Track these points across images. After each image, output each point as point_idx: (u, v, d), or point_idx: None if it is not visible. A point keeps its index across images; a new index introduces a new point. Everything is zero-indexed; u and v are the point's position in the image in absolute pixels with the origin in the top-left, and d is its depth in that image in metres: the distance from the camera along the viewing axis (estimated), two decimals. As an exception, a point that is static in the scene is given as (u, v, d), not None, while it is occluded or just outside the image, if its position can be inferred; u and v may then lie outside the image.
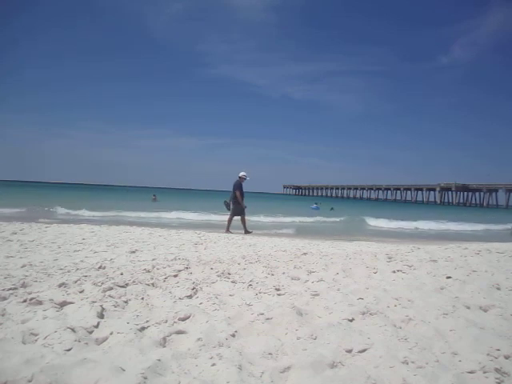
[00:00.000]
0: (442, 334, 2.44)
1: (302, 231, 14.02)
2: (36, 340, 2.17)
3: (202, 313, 2.70)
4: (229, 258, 5.41)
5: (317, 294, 3.27)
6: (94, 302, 2.82)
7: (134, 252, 6.19)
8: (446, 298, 3.24)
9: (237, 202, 10.68)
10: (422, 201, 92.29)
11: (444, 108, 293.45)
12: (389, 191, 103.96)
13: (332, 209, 39.17)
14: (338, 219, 21.35)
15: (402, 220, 20.70)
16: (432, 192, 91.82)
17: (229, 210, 10.96)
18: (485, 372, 1.95)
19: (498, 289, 3.60)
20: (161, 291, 3.31)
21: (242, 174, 11.02)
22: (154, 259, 5.44)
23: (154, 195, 41.58)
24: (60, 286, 3.28)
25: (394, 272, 4.39)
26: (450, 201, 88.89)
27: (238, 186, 10.84)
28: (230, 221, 10.88)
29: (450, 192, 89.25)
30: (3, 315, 2.51)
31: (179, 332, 2.39)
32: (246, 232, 10.54)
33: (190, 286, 3.43)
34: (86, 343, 2.15)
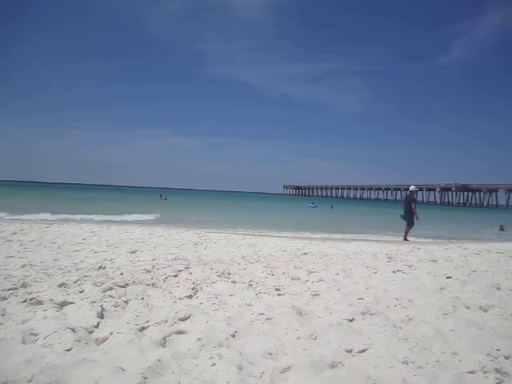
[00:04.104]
0: (441, 334, 2.44)
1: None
2: (36, 340, 2.16)
3: (201, 313, 2.70)
4: (229, 258, 5.41)
5: (317, 294, 3.27)
6: (94, 301, 2.82)
7: (134, 252, 6.19)
8: (446, 298, 3.24)
9: (411, 213, 11.25)
10: (422, 201, 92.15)
11: (444, 108, 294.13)
12: (389, 191, 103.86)
13: (332, 207, 39.71)
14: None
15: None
16: (432, 192, 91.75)
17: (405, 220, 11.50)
18: (485, 372, 1.95)
19: (498, 289, 3.60)
20: (161, 291, 3.30)
21: (412, 187, 11.90)
22: (154, 259, 5.44)
23: (161, 195, 41.84)
24: (60, 286, 3.28)
25: (394, 272, 4.39)
26: (450, 201, 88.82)
27: (412, 199, 11.62)
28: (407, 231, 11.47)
29: (449, 192, 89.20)
30: (3, 315, 2.51)
31: (179, 332, 2.39)
32: (405, 239, 11.10)
33: (190, 285, 3.43)
34: (86, 343, 2.15)
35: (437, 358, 2.10)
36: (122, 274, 3.86)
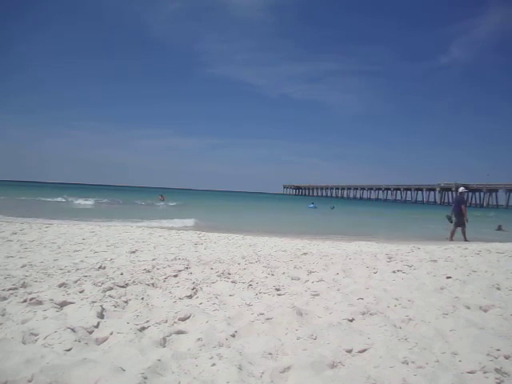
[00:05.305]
0: (441, 334, 2.44)
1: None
2: (36, 340, 2.17)
3: (201, 313, 2.70)
4: (229, 258, 5.41)
5: (317, 294, 3.27)
6: (94, 301, 2.82)
7: (134, 252, 6.19)
8: (446, 298, 3.24)
9: (461, 214, 11.48)
10: (422, 201, 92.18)
11: (444, 108, 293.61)
12: (389, 191, 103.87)
13: (333, 208, 39.71)
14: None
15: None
16: (432, 192, 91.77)
17: (451, 222, 11.70)
18: (485, 372, 1.95)
19: (498, 289, 3.60)
20: (161, 291, 3.31)
21: (461, 189, 12.27)
22: (154, 259, 5.45)
23: (161, 195, 41.60)
24: (60, 286, 3.28)
25: (394, 272, 4.39)
26: (450, 201, 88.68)
27: (462, 200, 11.82)
28: (453, 232, 11.59)
29: (449, 192, 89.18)
30: (3, 315, 2.51)
31: (179, 332, 2.39)
32: (465, 240, 11.19)
33: (190, 286, 3.43)
34: (86, 343, 2.15)
35: (437, 357, 2.10)
36: (122, 273, 3.86)
